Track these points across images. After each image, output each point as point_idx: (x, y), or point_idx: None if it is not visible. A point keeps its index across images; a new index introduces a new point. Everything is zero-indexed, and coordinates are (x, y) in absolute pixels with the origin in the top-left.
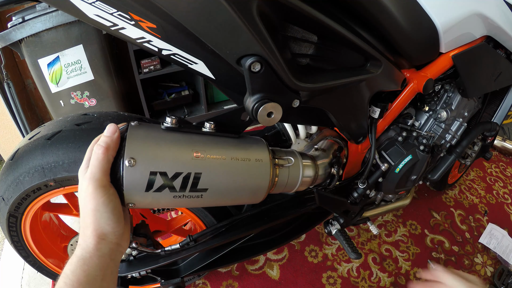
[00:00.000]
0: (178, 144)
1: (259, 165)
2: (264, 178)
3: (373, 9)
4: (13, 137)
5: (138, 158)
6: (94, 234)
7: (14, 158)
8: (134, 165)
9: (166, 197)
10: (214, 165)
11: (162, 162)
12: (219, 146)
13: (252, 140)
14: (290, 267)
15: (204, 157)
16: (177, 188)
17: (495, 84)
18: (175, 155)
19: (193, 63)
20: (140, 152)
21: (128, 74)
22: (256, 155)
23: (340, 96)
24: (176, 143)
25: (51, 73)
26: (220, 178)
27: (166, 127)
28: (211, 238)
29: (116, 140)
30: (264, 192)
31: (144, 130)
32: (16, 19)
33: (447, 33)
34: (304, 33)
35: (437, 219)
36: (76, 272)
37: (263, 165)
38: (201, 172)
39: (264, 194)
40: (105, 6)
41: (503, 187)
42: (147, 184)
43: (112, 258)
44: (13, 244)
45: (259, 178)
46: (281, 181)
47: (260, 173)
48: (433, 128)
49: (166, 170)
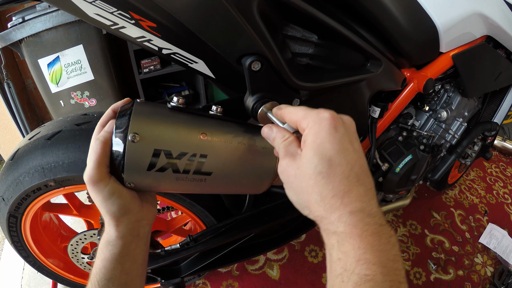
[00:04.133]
0: (185, 124)
1: (265, 153)
2: (269, 166)
3: (374, 8)
4: (13, 137)
5: (142, 134)
6: (112, 221)
7: (14, 158)
8: (137, 141)
9: (168, 179)
10: (220, 148)
11: (167, 140)
12: (226, 130)
13: (259, 128)
14: (290, 267)
15: (210, 139)
16: (180, 169)
17: (495, 84)
18: (182, 134)
19: (193, 62)
20: (145, 128)
21: (128, 74)
22: (262, 143)
23: (340, 95)
24: (183, 122)
25: (51, 73)
26: (225, 162)
27: (172, 107)
28: (211, 238)
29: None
30: (268, 181)
31: (150, 107)
32: (16, 19)
33: (447, 33)
34: (304, 32)
35: (437, 219)
36: (103, 251)
37: (269, 153)
38: (206, 154)
39: (267, 183)
40: (105, 5)
41: (503, 187)
42: (150, 163)
43: (134, 235)
44: (13, 244)
45: (264, 166)
46: None
47: (265, 161)
48: (433, 128)
49: (170, 149)
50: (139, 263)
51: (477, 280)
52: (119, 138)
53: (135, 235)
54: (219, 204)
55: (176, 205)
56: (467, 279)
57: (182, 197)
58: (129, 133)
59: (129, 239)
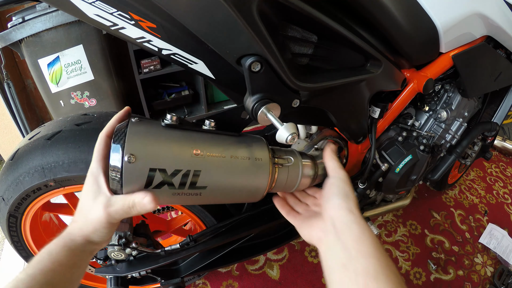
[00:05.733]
0: (178, 141)
1: (259, 164)
2: (263, 177)
3: (373, 9)
4: (13, 137)
5: (137, 155)
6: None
7: (14, 158)
8: (133, 161)
9: (165, 194)
10: (213, 163)
11: (161, 159)
12: (219, 144)
13: (252, 138)
14: (290, 267)
15: (203, 155)
16: (176, 185)
17: (495, 84)
18: (175, 152)
19: (193, 63)
20: (140, 148)
21: (128, 74)
22: (256, 154)
23: (340, 96)
24: (176, 140)
25: (51, 73)
26: (219, 176)
27: (166, 124)
28: (211, 238)
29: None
30: (263, 191)
31: (144, 126)
32: (16, 19)
33: (447, 33)
34: (304, 33)
35: (437, 219)
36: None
37: (263, 164)
38: (200, 170)
39: (263, 193)
40: (105, 6)
41: (503, 187)
42: (147, 181)
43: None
44: (13, 244)
45: (259, 177)
46: (281, 180)
47: (259, 172)
48: (433, 128)
49: (165, 167)
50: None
51: (477, 280)
52: (116, 160)
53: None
54: (219, 204)
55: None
56: (467, 279)
57: None
58: (125, 155)
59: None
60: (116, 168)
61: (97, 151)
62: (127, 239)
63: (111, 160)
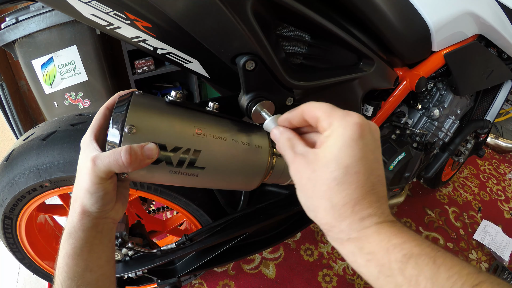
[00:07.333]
0: (181, 118)
1: (258, 151)
2: (261, 164)
3: (366, 8)
4: (7, 139)
5: (138, 126)
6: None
7: (8, 159)
8: (133, 133)
9: (161, 171)
10: (214, 144)
11: (162, 134)
12: (221, 127)
13: (254, 126)
14: (286, 265)
15: (205, 135)
16: (174, 163)
17: (487, 82)
18: (177, 129)
19: (188, 62)
20: (142, 120)
21: (122, 75)
22: (256, 141)
23: (333, 94)
24: (179, 117)
25: (45, 74)
26: (219, 158)
27: (170, 101)
28: (207, 237)
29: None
30: (259, 179)
31: (148, 99)
32: (10, 20)
33: (439, 32)
34: (297, 32)
35: (431, 216)
36: (64, 246)
37: (262, 151)
38: (200, 150)
39: (258, 181)
40: (101, 6)
41: (497, 184)
42: None
43: (98, 230)
44: (8, 246)
45: (256, 164)
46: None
47: (258, 159)
48: (426, 126)
49: (165, 142)
50: (104, 261)
51: None
52: (115, 129)
53: (98, 231)
54: (214, 203)
55: (171, 204)
56: None
57: (178, 196)
58: (126, 125)
59: (92, 234)
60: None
61: (94, 120)
62: (123, 239)
63: (110, 129)
